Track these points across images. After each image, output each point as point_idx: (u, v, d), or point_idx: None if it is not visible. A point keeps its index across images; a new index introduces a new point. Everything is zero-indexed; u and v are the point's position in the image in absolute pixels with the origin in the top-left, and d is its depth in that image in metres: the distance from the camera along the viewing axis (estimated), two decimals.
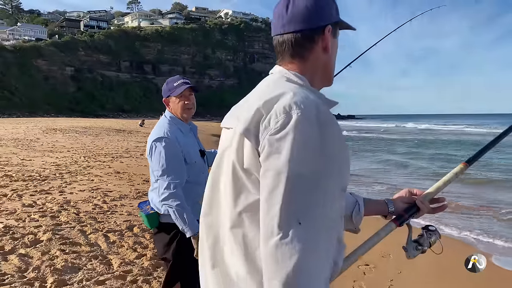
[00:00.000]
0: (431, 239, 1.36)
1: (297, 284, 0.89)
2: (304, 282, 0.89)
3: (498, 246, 6.01)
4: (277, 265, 0.90)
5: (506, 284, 4.63)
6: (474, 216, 7.74)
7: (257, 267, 1.00)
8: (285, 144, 0.92)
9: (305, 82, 1.09)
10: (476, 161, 1.50)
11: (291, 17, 1.09)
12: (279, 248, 0.90)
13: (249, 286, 1.02)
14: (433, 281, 4.63)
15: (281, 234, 0.90)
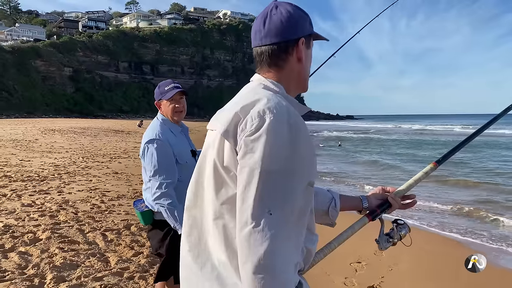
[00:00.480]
0: (401, 232, 1.48)
1: (267, 266, 1.00)
2: (274, 264, 1.01)
3: (487, 247, 6.14)
4: (250, 250, 1.01)
5: (492, 280, 4.74)
6: (455, 215, 7.88)
7: (235, 254, 1.12)
8: (258, 145, 1.04)
9: (281, 89, 1.21)
10: (445, 161, 1.63)
11: (268, 31, 1.21)
12: (252, 235, 1.02)
13: (228, 270, 1.14)
14: (422, 277, 4.74)
15: (254, 223, 1.02)
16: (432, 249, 5.72)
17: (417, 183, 1.57)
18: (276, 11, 1.22)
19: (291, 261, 1.06)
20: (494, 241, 6.22)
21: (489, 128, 1.74)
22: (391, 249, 4.82)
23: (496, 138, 30.79)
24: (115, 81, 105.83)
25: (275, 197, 1.03)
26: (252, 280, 1.01)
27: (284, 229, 1.03)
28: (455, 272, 4.96)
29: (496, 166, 15.82)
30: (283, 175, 1.04)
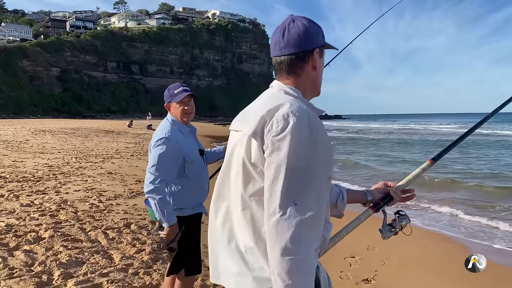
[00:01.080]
0: (402, 222, 1.64)
1: (293, 250, 1.16)
2: (298, 248, 1.17)
3: (473, 242, 6.38)
4: (278, 236, 1.17)
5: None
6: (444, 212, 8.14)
7: (262, 239, 1.28)
8: (284, 144, 1.20)
9: (299, 94, 1.37)
10: (441, 158, 1.80)
11: (287, 42, 1.38)
12: (280, 223, 1.18)
13: (256, 255, 1.30)
14: (412, 270, 4.94)
15: (281, 212, 1.18)
16: (421, 244, 5.93)
17: (416, 179, 1.74)
18: (294, 25, 1.38)
19: (313, 246, 1.22)
20: (480, 238, 6.47)
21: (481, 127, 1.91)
22: (383, 244, 5.03)
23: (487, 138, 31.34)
24: (104, 81, 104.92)
25: (299, 190, 1.19)
26: (280, 262, 1.17)
27: (307, 218, 1.19)
28: (443, 264, 5.18)
29: (483, 165, 16.21)
30: (306, 171, 1.21)
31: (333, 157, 1.31)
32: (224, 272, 1.42)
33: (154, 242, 4.93)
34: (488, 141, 27.92)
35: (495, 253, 5.67)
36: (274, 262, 1.19)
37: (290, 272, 1.16)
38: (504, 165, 16.17)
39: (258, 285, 1.29)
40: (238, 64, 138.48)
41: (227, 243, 1.39)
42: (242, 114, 1.47)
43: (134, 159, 13.99)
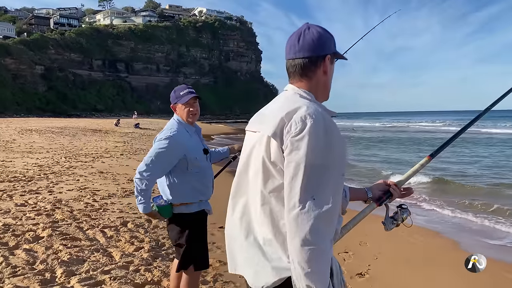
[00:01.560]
0: (403, 215, 1.77)
1: (311, 241, 1.28)
2: (316, 240, 1.28)
3: (463, 237, 6.59)
4: (298, 228, 1.29)
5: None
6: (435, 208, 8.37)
7: (280, 232, 1.39)
8: (302, 144, 1.32)
9: (312, 97, 1.49)
10: (438, 154, 1.93)
11: (302, 46, 1.49)
12: (299, 216, 1.29)
13: (274, 246, 1.41)
14: (404, 264, 5.10)
15: (301, 206, 1.29)
16: (412, 240, 6.11)
17: (415, 174, 1.87)
18: (309, 31, 1.49)
19: (329, 237, 1.34)
20: (468, 232, 6.69)
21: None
22: (375, 240, 5.20)
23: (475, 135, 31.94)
24: (89, 79, 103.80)
25: (317, 186, 1.31)
26: (300, 252, 1.28)
27: (325, 211, 1.30)
28: (434, 258, 5.37)
29: (470, 163, 16.58)
30: (323, 168, 1.32)
31: (346, 155, 1.43)
32: (242, 263, 1.53)
33: (152, 240, 5.01)
34: (475, 139, 28.46)
35: (484, 247, 5.86)
36: (294, 252, 1.30)
37: (309, 261, 1.28)
38: (491, 162, 16.56)
39: (276, 274, 1.40)
40: (226, 62, 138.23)
41: (245, 237, 1.50)
42: (258, 116, 1.58)
43: (124, 158, 13.96)
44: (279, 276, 1.39)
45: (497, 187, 10.66)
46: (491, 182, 11.44)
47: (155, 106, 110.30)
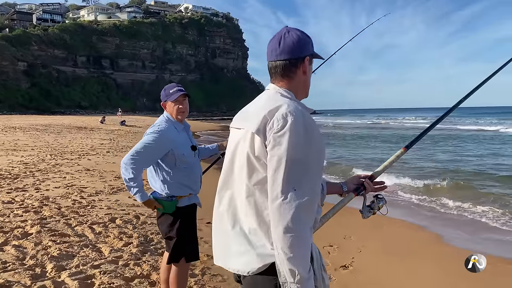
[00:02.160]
0: (379, 204, 1.90)
1: (293, 228, 1.39)
2: (298, 227, 1.40)
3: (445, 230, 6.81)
4: (280, 217, 1.40)
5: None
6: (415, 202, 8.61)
7: (265, 221, 1.50)
8: (284, 139, 1.43)
9: (292, 96, 1.60)
10: (413, 146, 2.07)
11: (282, 49, 1.60)
12: (282, 206, 1.40)
13: (258, 235, 1.52)
14: (387, 256, 5.28)
15: (283, 197, 1.41)
16: (395, 232, 6.31)
17: (391, 165, 2.00)
18: (289, 35, 1.61)
19: (309, 225, 1.46)
20: (452, 225, 6.92)
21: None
22: (359, 233, 5.37)
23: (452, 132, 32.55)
24: (73, 76, 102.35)
25: (297, 178, 1.42)
26: (283, 238, 1.40)
27: (305, 201, 1.42)
28: (416, 250, 5.57)
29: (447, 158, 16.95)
30: (303, 162, 1.44)
31: (324, 149, 1.55)
32: (228, 253, 1.64)
33: (140, 235, 5.08)
34: (450, 135, 29.05)
35: (467, 241, 6.07)
36: (277, 239, 1.41)
37: (291, 247, 1.39)
38: (466, 156, 16.96)
39: (261, 260, 1.51)
40: (212, 58, 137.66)
41: (231, 227, 1.60)
42: (242, 113, 1.69)
43: (110, 155, 13.92)
44: (263, 262, 1.51)
45: (482, 181, 10.97)
46: (476, 176, 11.75)
47: (141, 103, 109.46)
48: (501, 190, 9.62)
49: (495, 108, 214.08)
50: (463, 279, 4.35)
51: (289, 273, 1.40)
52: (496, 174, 12.03)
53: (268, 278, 1.50)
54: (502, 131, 33.75)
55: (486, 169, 13.25)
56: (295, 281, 1.40)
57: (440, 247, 5.74)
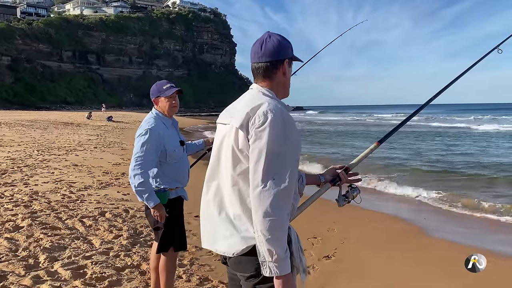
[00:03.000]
0: (353, 193, 2.09)
1: (272, 213, 1.57)
2: (276, 212, 1.58)
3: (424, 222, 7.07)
4: (260, 202, 1.58)
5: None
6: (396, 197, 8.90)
7: (247, 208, 1.67)
8: (264, 134, 1.60)
9: (273, 95, 1.77)
10: (385, 141, 2.26)
11: (264, 52, 1.77)
12: (262, 193, 1.58)
13: (242, 220, 1.70)
14: (369, 247, 5.51)
15: (263, 185, 1.58)
16: (376, 225, 6.55)
17: (366, 157, 2.18)
18: (270, 39, 1.78)
19: (286, 211, 1.63)
20: (433, 217, 7.20)
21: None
22: (341, 226, 5.58)
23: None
24: (59, 71, 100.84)
25: (276, 168, 1.60)
26: (262, 222, 1.57)
27: (282, 189, 1.59)
28: (396, 242, 5.81)
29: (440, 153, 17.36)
30: (281, 154, 1.61)
31: (300, 143, 1.73)
32: (215, 237, 1.81)
33: (130, 228, 5.22)
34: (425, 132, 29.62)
35: (448, 233, 6.33)
36: (257, 222, 1.59)
37: (269, 229, 1.57)
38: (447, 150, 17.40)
39: (245, 242, 1.69)
40: (200, 54, 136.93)
41: (218, 214, 1.77)
42: (228, 111, 1.86)
43: (98, 151, 13.96)
44: (247, 244, 1.68)
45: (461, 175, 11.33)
46: (456, 170, 12.11)
47: (128, 99, 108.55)
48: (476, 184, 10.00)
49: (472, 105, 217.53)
50: (439, 268, 4.60)
51: (267, 253, 1.58)
52: (466, 171, 12.32)
53: (251, 258, 1.67)
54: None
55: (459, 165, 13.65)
56: (273, 260, 1.58)
57: (420, 238, 5.99)
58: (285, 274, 1.60)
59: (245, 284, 1.74)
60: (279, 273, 1.58)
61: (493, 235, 6.34)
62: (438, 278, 4.41)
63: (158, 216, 2.97)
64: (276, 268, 1.58)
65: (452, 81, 2.51)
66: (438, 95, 2.51)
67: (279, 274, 1.58)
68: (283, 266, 1.59)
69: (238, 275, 1.77)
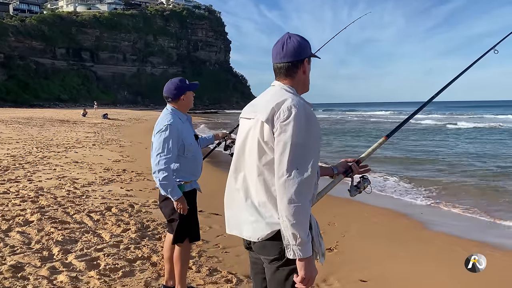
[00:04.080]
0: (365, 184, 2.23)
1: (296, 200, 1.71)
2: (299, 199, 1.72)
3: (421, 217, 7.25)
4: (285, 190, 1.72)
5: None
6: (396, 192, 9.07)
7: (272, 196, 1.81)
8: (289, 127, 1.74)
9: (294, 91, 1.91)
10: (393, 135, 2.41)
11: (285, 53, 1.91)
12: (286, 182, 1.72)
13: (267, 207, 1.83)
14: (368, 240, 5.67)
15: (288, 174, 1.72)
16: (376, 219, 6.71)
17: (374, 151, 2.33)
18: (290, 40, 1.92)
19: (308, 198, 1.77)
20: (436, 212, 7.37)
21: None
22: (342, 220, 5.73)
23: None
24: (52, 68, 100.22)
25: (299, 159, 1.74)
26: (287, 208, 1.71)
27: (305, 178, 1.73)
28: (395, 235, 5.97)
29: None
30: (304, 146, 1.75)
31: (320, 136, 1.87)
32: (240, 222, 1.95)
33: (137, 222, 5.34)
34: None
35: (449, 227, 6.49)
36: (282, 209, 1.73)
37: (294, 215, 1.71)
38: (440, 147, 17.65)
39: (269, 228, 1.83)
40: (194, 51, 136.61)
41: (244, 200, 1.91)
42: (251, 106, 2.00)
43: (96, 148, 14.02)
44: (271, 229, 1.82)
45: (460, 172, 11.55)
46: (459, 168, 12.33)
47: (122, 96, 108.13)
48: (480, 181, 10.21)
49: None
50: (437, 260, 4.77)
51: (292, 236, 1.72)
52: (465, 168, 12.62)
53: (275, 242, 1.82)
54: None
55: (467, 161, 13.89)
56: (297, 243, 1.72)
57: (420, 232, 6.15)
58: (308, 257, 1.74)
59: (268, 266, 1.89)
60: (302, 255, 1.73)
61: (492, 229, 6.51)
62: (437, 270, 4.58)
63: (181, 209, 3.10)
64: (299, 251, 1.72)
65: (453, 79, 2.67)
66: (439, 93, 2.66)
67: (302, 256, 1.73)
68: (306, 249, 1.73)
69: (261, 258, 1.91)
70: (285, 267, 1.82)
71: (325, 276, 4.30)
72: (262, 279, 1.98)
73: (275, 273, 1.85)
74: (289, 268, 1.81)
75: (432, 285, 4.21)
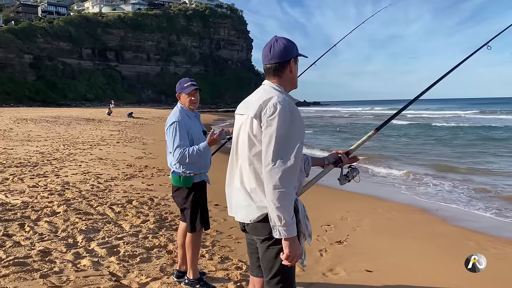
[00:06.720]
0: (353, 173, 2.43)
1: (280, 186, 1.93)
2: (283, 185, 1.93)
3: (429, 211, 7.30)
4: (271, 178, 1.94)
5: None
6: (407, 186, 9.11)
7: (261, 183, 2.04)
8: (274, 122, 1.97)
9: (282, 89, 2.13)
10: (382, 128, 2.59)
11: (273, 55, 2.13)
12: (272, 170, 1.94)
13: (257, 193, 2.07)
14: (379, 235, 5.80)
15: (273, 163, 1.95)
16: (389, 216, 6.81)
17: (363, 144, 2.52)
18: (277, 43, 2.14)
19: (292, 184, 1.99)
20: (451, 208, 7.41)
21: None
22: (355, 215, 5.88)
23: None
24: (79, 68, 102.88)
25: (283, 150, 1.96)
26: (272, 193, 1.94)
27: (289, 167, 1.95)
28: (407, 230, 6.07)
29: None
30: (288, 138, 1.98)
31: (304, 129, 2.08)
32: (236, 206, 2.19)
33: (156, 214, 5.66)
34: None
35: (467, 221, 6.55)
36: (268, 194, 1.96)
37: (278, 199, 1.93)
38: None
39: (260, 211, 2.06)
40: (217, 50, 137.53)
41: (240, 183, 2.15)
42: (244, 103, 2.23)
43: (120, 145, 14.51)
44: (261, 212, 2.06)
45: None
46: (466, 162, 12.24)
47: (146, 95, 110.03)
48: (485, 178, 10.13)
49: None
50: (450, 256, 4.87)
51: (277, 218, 1.95)
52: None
53: (265, 224, 2.05)
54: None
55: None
56: (282, 224, 1.95)
57: (434, 227, 6.19)
58: (292, 237, 1.97)
59: (260, 246, 2.12)
60: (287, 235, 1.95)
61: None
62: (446, 264, 4.66)
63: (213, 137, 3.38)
64: (284, 231, 1.95)
65: (443, 75, 2.82)
66: (428, 89, 2.80)
67: (287, 236, 1.95)
68: (290, 229, 1.96)
69: (254, 238, 2.15)
70: (274, 246, 2.05)
71: (332, 266, 4.49)
72: (256, 258, 2.22)
73: (266, 252, 2.09)
74: (278, 247, 2.04)
75: (439, 278, 4.29)
